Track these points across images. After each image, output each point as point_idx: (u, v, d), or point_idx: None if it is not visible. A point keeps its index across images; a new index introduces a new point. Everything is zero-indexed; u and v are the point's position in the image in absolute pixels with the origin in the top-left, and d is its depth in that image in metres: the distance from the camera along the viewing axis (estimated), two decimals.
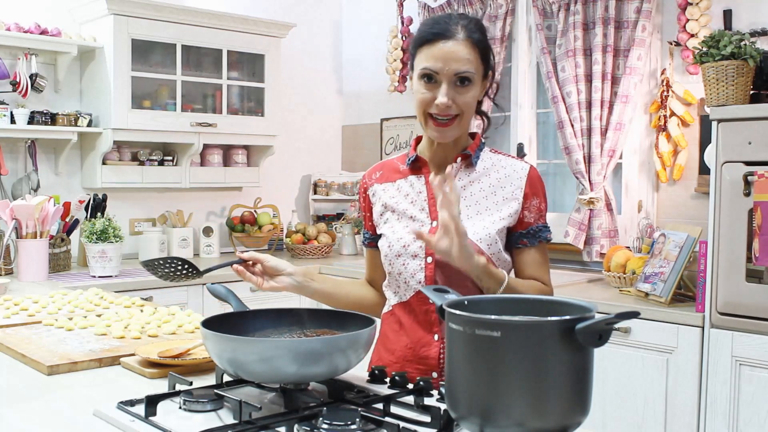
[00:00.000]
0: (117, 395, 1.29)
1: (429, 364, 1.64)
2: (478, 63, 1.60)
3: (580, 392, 1.01)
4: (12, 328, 1.89)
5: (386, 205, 1.72)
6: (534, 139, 3.82)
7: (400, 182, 1.72)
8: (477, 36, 1.59)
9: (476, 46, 1.59)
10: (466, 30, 1.59)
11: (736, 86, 2.58)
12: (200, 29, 3.76)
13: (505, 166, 1.68)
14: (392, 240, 1.67)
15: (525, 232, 1.65)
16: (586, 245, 3.36)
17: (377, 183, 1.76)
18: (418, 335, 1.66)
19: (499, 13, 3.71)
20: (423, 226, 1.65)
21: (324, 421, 1.09)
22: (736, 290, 2.44)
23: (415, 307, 1.66)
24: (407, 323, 1.67)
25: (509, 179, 1.66)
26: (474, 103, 1.63)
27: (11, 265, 3.21)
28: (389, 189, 1.73)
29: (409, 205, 1.69)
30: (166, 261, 1.55)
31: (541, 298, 1.19)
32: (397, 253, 1.66)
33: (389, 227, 1.70)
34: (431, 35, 1.59)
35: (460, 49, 1.57)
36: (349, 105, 4.79)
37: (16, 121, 3.35)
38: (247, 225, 4.19)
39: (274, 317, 1.44)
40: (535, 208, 1.66)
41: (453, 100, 1.58)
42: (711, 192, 2.53)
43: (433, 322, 1.64)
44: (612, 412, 2.71)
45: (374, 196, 1.76)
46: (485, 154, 1.70)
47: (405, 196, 1.70)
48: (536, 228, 1.66)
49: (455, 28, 1.59)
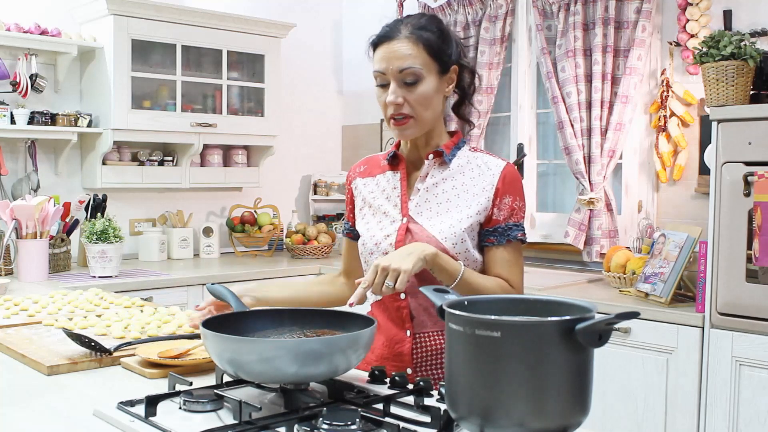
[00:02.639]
0: (117, 395, 1.29)
1: (403, 360, 1.65)
2: (425, 58, 1.58)
3: (580, 392, 1.01)
4: (12, 328, 1.89)
5: (365, 200, 1.75)
6: (534, 139, 3.82)
7: (379, 177, 1.75)
8: (421, 33, 1.59)
9: (420, 41, 1.58)
10: (410, 27, 1.59)
11: (736, 86, 2.58)
12: (200, 29, 3.76)
13: (480, 164, 1.67)
14: (366, 237, 1.70)
15: (492, 229, 1.62)
16: (586, 245, 3.36)
17: (359, 177, 1.79)
18: (392, 332, 1.67)
19: (499, 13, 3.71)
20: (394, 222, 1.67)
21: (324, 422, 1.09)
22: (736, 290, 2.44)
23: (388, 305, 1.68)
24: (382, 321, 1.69)
25: (482, 177, 1.64)
26: (431, 99, 1.60)
27: (11, 266, 3.21)
28: (369, 184, 1.76)
29: (384, 200, 1.71)
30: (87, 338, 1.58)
31: (541, 298, 1.19)
32: (370, 251, 1.68)
33: (365, 223, 1.73)
34: (376, 39, 1.63)
35: (401, 46, 1.58)
36: (349, 105, 4.78)
37: (16, 121, 3.35)
38: (247, 225, 4.19)
39: (274, 317, 1.44)
40: (506, 206, 1.62)
41: (404, 98, 1.58)
42: (711, 192, 2.53)
43: (405, 318, 1.65)
44: (612, 412, 2.71)
45: (356, 190, 1.79)
46: (463, 153, 1.69)
47: (382, 191, 1.73)
48: (505, 226, 1.62)
49: (398, 29, 1.60)
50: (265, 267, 3.71)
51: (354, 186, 1.80)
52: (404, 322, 1.66)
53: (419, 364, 1.64)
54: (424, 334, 1.65)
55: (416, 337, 1.65)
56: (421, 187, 1.67)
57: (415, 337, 1.65)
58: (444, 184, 1.66)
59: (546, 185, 3.91)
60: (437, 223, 1.62)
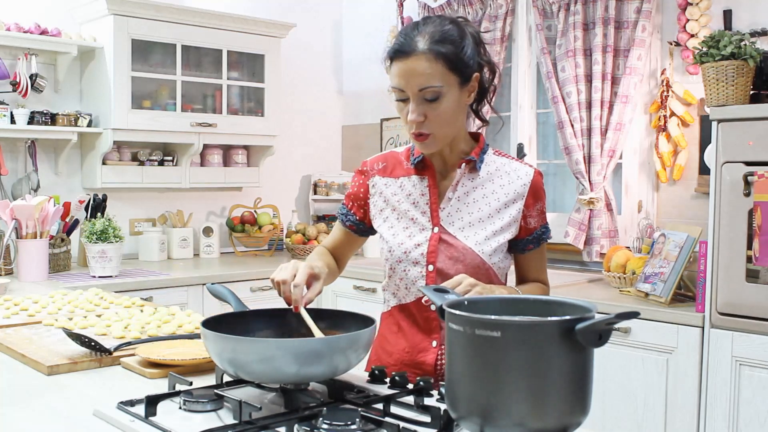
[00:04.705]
0: (117, 395, 1.29)
1: (425, 370, 1.63)
2: (444, 73, 1.52)
3: (580, 392, 1.01)
4: (12, 328, 1.89)
5: (387, 201, 1.70)
6: (534, 139, 3.82)
7: (403, 180, 1.70)
8: (439, 48, 1.51)
9: (438, 57, 1.50)
10: (428, 41, 1.51)
11: (736, 86, 2.58)
12: (200, 29, 3.76)
13: (509, 171, 1.67)
14: (393, 245, 1.66)
15: (531, 237, 1.67)
16: (586, 245, 3.36)
17: (379, 175, 1.73)
18: (416, 340, 1.65)
19: (499, 13, 3.71)
20: (423, 230, 1.64)
21: (324, 421, 1.09)
22: (736, 290, 2.44)
23: (414, 312, 1.66)
24: (406, 327, 1.67)
25: (512, 185, 1.65)
26: (452, 115, 1.57)
27: (11, 265, 3.21)
28: (391, 185, 1.70)
29: (411, 206, 1.67)
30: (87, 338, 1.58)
31: (541, 298, 1.19)
32: (398, 259, 1.65)
33: (389, 227, 1.69)
34: (392, 52, 1.55)
35: (420, 64, 1.50)
36: (349, 105, 4.78)
37: (16, 121, 3.35)
38: (247, 225, 4.19)
39: (274, 317, 1.44)
40: (537, 212, 1.67)
41: (425, 115, 1.54)
42: (711, 192, 2.53)
43: (433, 328, 1.64)
44: (612, 412, 2.71)
45: (374, 188, 1.73)
46: (489, 158, 1.68)
47: (407, 195, 1.68)
48: (540, 231, 1.68)
49: (415, 42, 1.52)
50: (265, 267, 3.71)
51: (372, 183, 1.73)
52: (432, 331, 1.64)
53: (442, 375, 1.61)
54: None
55: (442, 349, 1.62)
56: (452, 196, 1.65)
57: (442, 349, 1.62)
58: (474, 193, 1.65)
59: (546, 185, 3.87)
60: (471, 234, 1.62)
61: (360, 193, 1.75)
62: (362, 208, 1.75)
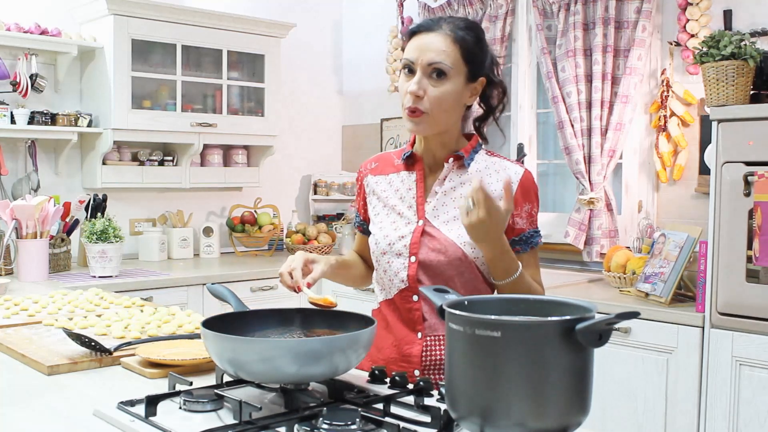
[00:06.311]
0: (117, 395, 1.29)
1: (412, 362, 1.64)
2: (456, 58, 1.56)
3: (580, 392, 1.01)
4: (12, 328, 1.89)
5: (378, 198, 1.74)
6: (534, 139, 3.82)
7: (392, 176, 1.74)
8: (461, 33, 1.57)
9: (457, 42, 1.56)
10: (452, 26, 1.57)
11: (736, 86, 2.58)
12: (200, 29, 3.76)
13: (499, 170, 1.66)
14: (378, 237, 1.69)
15: (518, 238, 1.63)
16: (586, 245, 3.36)
17: (371, 174, 1.78)
18: (402, 333, 1.67)
19: (499, 13, 3.71)
20: (409, 224, 1.66)
21: (324, 421, 1.09)
22: (736, 290, 2.44)
23: (399, 305, 1.67)
24: (392, 321, 1.68)
25: (500, 183, 1.61)
26: (450, 101, 1.58)
27: (11, 265, 3.21)
28: (381, 182, 1.75)
29: (398, 201, 1.69)
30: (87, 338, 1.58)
31: (541, 298, 1.19)
32: (383, 251, 1.67)
33: (378, 221, 1.72)
34: (416, 27, 1.61)
35: (438, 40, 1.56)
36: (349, 105, 4.78)
37: (16, 121, 3.35)
38: (247, 225, 4.19)
39: (274, 317, 1.44)
40: (526, 213, 1.63)
41: (425, 90, 1.56)
42: (711, 192, 2.53)
43: (416, 320, 1.65)
44: (612, 412, 2.71)
45: (368, 187, 1.78)
46: (481, 157, 1.69)
47: (395, 191, 1.71)
48: (528, 234, 1.64)
49: (440, 24, 1.58)
50: (265, 267, 3.71)
51: (366, 183, 1.78)
52: (416, 323, 1.65)
53: (428, 366, 1.63)
54: (435, 337, 1.64)
55: (427, 340, 1.64)
56: (439, 190, 1.66)
57: (426, 340, 1.64)
58: (462, 189, 1.65)
59: (546, 185, 3.91)
60: (455, 228, 1.61)
61: (359, 194, 1.82)
62: (363, 208, 1.80)
